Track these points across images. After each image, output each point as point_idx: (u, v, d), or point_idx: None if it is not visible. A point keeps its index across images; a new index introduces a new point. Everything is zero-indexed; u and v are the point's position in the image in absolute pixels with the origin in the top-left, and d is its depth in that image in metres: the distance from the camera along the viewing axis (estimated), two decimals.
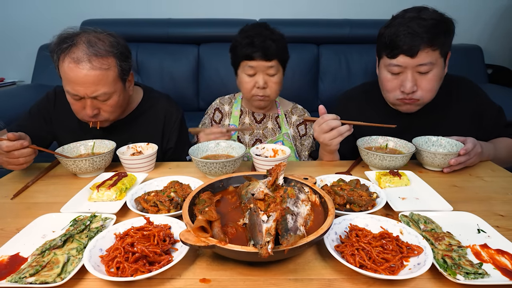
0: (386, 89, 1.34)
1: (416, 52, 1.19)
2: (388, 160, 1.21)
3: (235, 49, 1.52)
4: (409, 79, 1.24)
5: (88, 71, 1.19)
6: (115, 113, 1.34)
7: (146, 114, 1.51)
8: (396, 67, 1.25)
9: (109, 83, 1.25)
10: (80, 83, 1.20)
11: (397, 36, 1.21)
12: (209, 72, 2.77)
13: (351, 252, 0.72)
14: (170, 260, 0.72)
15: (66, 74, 1.21)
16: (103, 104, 1.28)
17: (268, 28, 1.51)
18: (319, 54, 2.81)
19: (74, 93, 1.23)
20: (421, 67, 1.22)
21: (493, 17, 3.07)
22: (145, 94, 1.55)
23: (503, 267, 0.72)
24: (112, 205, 0.98)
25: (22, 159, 1.15)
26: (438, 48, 1.21)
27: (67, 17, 2.96)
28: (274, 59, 1.46)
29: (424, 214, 0.90)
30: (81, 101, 1.27)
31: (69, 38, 1.22)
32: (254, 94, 1.52)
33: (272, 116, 1.67)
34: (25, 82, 3.09)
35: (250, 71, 1.48)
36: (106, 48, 1.24)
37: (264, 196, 0.81)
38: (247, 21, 2.83)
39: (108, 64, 1.24)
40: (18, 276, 0.67)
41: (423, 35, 1.18)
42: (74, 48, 1.20)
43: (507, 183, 1.17)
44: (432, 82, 1.26)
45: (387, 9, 3.03)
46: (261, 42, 1.43)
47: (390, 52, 1.24)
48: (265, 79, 1.49)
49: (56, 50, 1.22)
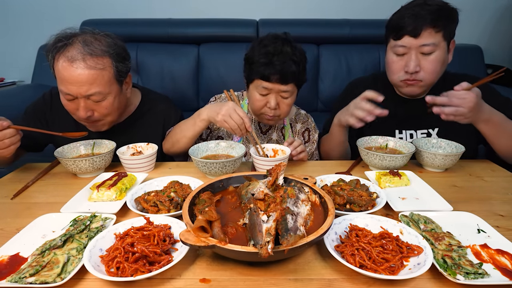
0: (391, 71, 1.40)
1: (419, 32, 1.26)
2: (388, 160, 1.21)
3: (251, 64, 1.36)
4: (412, 59, 1.30)
5: (82, 70, 1.17)
6: (110, 116, 1.31)
7: (145, 117, 1.50)
8: (401, 47, 1.32)
9: (104, 83, 1.23)
10: (74, 82, 1.18)
11: (402, 18, 1.30)
12: (209, 72, 2.77)
13: (351, 252, 0.72)
14: (170, 260, 0.72)
15: (60, 73, 1.19)
16: (97, 106, 1.26)
17: (290, 43, 1.35)
18: (319, 54, 2.81)
19: (67, 92, 1.21)
20: (424, 48, 1.28)
21: (493, 17, 3.07)
22: (144, 96, 1.54)
23: (503, 267, 0.72)
24: (112, 205, 0.98)
25: (7, 140, 1.12)
26: (441, 30, 1.27)
27: (67, 17, 2.96)
28: (291, 83, 1.34)
29: (424, 214, 0.90)
30: (74, 102, 1.24)
31: (65, 37, 1.21)
32: (263, 112, 1.42)
33: (278, 127, 1.59)
34: (25, 82, 3.09)
35: (264, 91, 1.36)
36: (102, 48, 1.23)
37: (264, 196, 0.81)
38: (247, 21, 2.85)
39: (103, 64, 1.22)
40: (18, 276, 0.67)
41: (426, 17, 1.26)
42: (69, 47, 1.19)
43: (507, 183, 1.17)
44: (435, 64, 1.31)
45: (387, 9, 3.03)
46: (281, 63, 1.29)
47: (395, 34, 1.32)
48: (277, 100, 1.37)
49: (52, 49, 1.21)
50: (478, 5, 3.01)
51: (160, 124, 1.51)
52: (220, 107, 1.24)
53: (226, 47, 2.80)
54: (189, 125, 1.34)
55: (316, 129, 1.63)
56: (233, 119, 1.22)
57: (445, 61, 1.35)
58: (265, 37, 1.39)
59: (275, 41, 1.35)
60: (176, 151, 1.42)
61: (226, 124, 1.23)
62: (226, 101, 1.53)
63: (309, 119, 1.65)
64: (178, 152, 1.43)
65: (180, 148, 1.39)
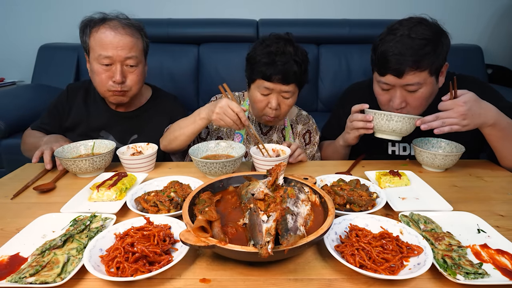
0: (379, 101, 1.36)
1: (402, 73, 1.19)
2: (395, 120, 1.19)
3: (253, 63, 1.36)
4: (397, 96, 1.26)
5: (123, 36, 1.36)
6: (135, 86, 1.45)
7: (153, 111, 1.59)
8: (385, 84, 1.27)
9: (139, 51, 1.42)
10: (116, 46, 1.35)
11: (385, 56, 1.21)
12: (209, 72, 2.77)
13: (351, 252, 0.72)
14: (170, 260, 0.72)
15: (101, 40, 1.35)
16: (130, 73, 1.41)
17: (293, 44, 1.35)
18: (319, 54, 2.81)
19: (107, 55, 1.35)
20: (409, 87, 1.22)
21: (493, 17, 3.07)
22: (154, 93, 1.65)
23: (503, 267, 0.72)
24: (112, 205, 0.98)
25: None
26: (426, 69, 1.19)
27: (67, 17, 2.96)
28: (293, 83, 1.34)
29: (424, 214, 0.90)
30: (110, 69, 1.38)
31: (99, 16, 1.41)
32: (265, 113, 1.42)
33: (278, 128, 1.58)
34: (25, 82, 3.09)
35: (265, 92, 1.36)
36: (133, 23, 1.43)
37: (264, 196, 0.81)
38: (247, 21, 2.86)
39: (138, 35, 1.43)
40: (18, 276, 0.67)
41: (408, 58, 1.17)
42: (108, 21, 1.39)
43: (507, 183, 1.17)
44: (420, 100, 1.26)
45: (386, 9, 3.05)
46: (282, 64, 1.29)
47: (379, 69, 1.26)
48: (278, 100, 1.37)
49: (89, 23, 1.38)
50: (478, 5, 3.01)
51: (166, 120, 1.57)
52: (215, 105, 1.25)
53: (226, 47, 2.80)
54: (189, 122, 1.35)
55: (318, 131, 1.63)
56: (228, 115, 1.22)
57: (434, 91, 1.29)
58: (267, 37, 1.38)
59: (278, 41, 1.34)
60: (173, 148, 1.43)
61: (222, 122, 1.23)
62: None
63: (310, 121, 1.64)
64: (175, 149, 1.44)
65: (178, 145, 1.39)
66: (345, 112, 1.41)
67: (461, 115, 1.10)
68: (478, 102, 1.13)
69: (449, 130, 1.12)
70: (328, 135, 1.65)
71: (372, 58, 1.31)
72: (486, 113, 1.14)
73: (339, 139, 1.46)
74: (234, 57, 2.74)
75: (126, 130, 1.54)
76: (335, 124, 1.61)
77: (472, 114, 1.11)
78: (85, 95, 1.57)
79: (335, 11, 3.00)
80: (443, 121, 1.12)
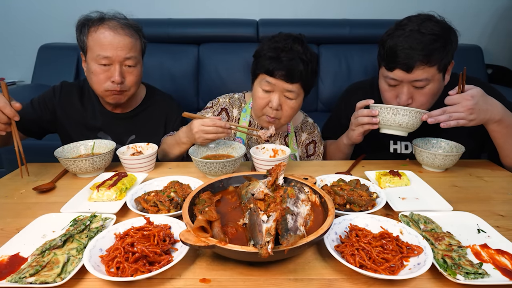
0: (384, 98, 1.36)
1: (411, 68, 1.18)
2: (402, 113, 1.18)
3: (258, 58, 1.33)
4: (404, 93, 1.25)
5: (123, 37, 1.35)
6: (134, 87, 1.44)
7: (148, 111, 1.57)
8: (393, 80, 1.26)
9: (137, 51, 1.41)
10: (115, 46, 1.33)
11: (395, 51, 1.20)
12: (209, 72, 2.77)
13: (351, 252, 0.72)
14: (170, 260, 0.72)
15: (100, 40, 1.33)
16: (129, 73, 1.39)
17: (302, 43, 1.31)
18: (319, 54, 2.81)
19: (106, 56, 1.32)
20: (417, 82, 1.22)
21: (493, 17, 3.07)
22: (148, 92, 1.62)
23: (503, 267, 0.72)
24: (112, 205, 0.98)
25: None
26: (435, 64, 1.19)
27: (67, 17, 2.94)
28: (297, 83, 1.28)
29: (424, 214, 0.90)
30: (109, 69, 1.35)
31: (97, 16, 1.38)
32: (265, 113, 1.36)
33: (281, 134, 1.51)
34: (25, 82, 3.09)
35: (267, 87, 1.30)
36: (132, 23, 1.42)
37: (264, 196, 0.81)
38: (247, 21, 2.86)
39: (137, 36, 1.42)
40: (18, 276, 0.67)
41: (419, 52, 1.16)
42: (107, 21, 1.36)
43: (507, 183, 1.17)
44: (427, 97, 1.25)
45: (386, 9, 3.05)
46: (288, 60, 1.25)
47: (387, 64, 1.25)
48: (281, 100, 1.31)
49: (87, 22, 1.36)
50: (478, 5, 3.01)
51: (162, 119, 1.57)
52: (190, 130, 1.23)
53: (226, 47, 2.81)
54: (174, 144, 1.36)
55: (322, 141, 1.60)
56: (207, 132, 1.20)
57: (440, 89, 1.29)
58: (277, 34, 1.35)
59: (287, 38, 1.31)
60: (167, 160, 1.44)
61: (208, 140, 1.23)
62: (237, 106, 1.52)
63: (315, 130, 1.58)
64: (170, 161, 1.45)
65: (170, 159, 1.42)
66: (346, 111, 1.41)
67: (468, 109, 1.09)
68: (485, 97, 1.13)
69: (455, 125, 1.11)
70: (328, 135, 1.65)
71: (380, 53, 1.29)
72: (492, 109, 1.13)
73: (343, 137, 1.44)
74: (234, 57, 2.74)
75: (124, 131, 1.53)
76: (335, 123, 1.61)
77: (479, 109, 1.10)
78: (81, 94, 1.54)
79: (335, 11, 3.00)
80: (450, 115, 1.11)
